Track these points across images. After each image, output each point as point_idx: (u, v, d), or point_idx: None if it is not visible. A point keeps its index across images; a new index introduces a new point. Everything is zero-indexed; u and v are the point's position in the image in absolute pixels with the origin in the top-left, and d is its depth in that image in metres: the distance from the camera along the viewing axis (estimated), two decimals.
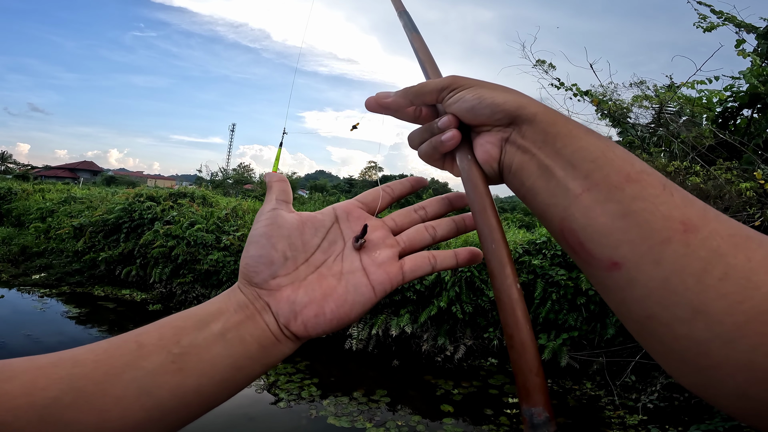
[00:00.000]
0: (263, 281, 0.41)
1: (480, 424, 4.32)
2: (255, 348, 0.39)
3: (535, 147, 0.39)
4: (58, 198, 12.43)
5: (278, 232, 0.42)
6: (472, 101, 0.42)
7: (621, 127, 6.85)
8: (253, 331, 0.39)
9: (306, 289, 0.41)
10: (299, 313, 0.40)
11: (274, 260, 0.41)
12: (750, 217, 3.68)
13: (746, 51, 4.78)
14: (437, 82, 0.45)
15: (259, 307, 0.40)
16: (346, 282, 0.42)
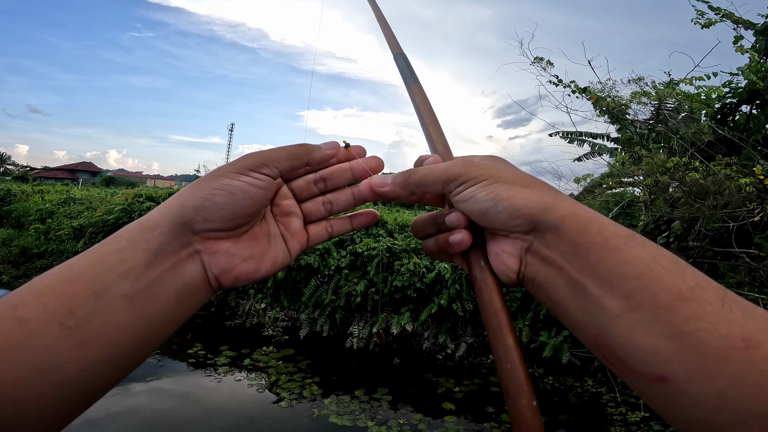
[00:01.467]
0: (207, 230, 0.38)
1: (482, 422, 4.33)
2: (172, 303, 0.36)
3: (563, 260, 0.34)
4: (58, 199, 12.43)
5: (262, 197, 0.41)
6: (485, 202, 0.37)
7: (620, 123, 6.85)
8: (172, 285, 0.36)
9: (245, 244, 0.41)
10: (237, 265, 0.40)
11: (234, 218, 0.39)
12: (750, 212, 3.68)
13: (744, 47, 4.78)
14: (443, 172, 0.40)
15: (184, 255, 0.37)
16: (275, 243, 0.44)
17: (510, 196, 0.36)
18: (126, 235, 0.36)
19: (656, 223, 5.56)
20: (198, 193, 0.38)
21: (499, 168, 0.39)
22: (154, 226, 0.36)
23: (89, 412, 1.59)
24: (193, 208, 0.37)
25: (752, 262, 3.80)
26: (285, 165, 0.43)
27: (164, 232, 0.36)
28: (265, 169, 0.41)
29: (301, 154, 0.44)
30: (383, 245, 6.44)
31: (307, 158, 0.45)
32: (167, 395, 4.55)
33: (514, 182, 0.37)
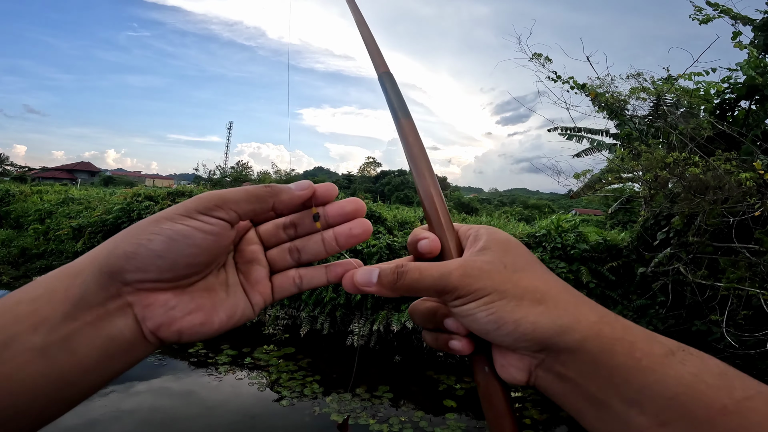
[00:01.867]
0: (141, 281, 0.33)
1: (483, 419, 4.32)
2: (95, 358, 0.32)
3: (581, 378, 0.31)
4: (56, 199, 12.42)
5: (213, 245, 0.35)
6: (486, 324, 0.33)
7: (619, 119, 6.85)
8: (95, 339, 0.31)
9: (192, 296, 0.36)
10: (179, 319, 0.35)
11: (175, 268, 0.34)
12: (750, 207, 3.68)
13: (743, 43, 4.78)
14: (436, 280, 0.36)
15: (112, 308, 0.32)
16: (234, 295, 0.39)
17: (516, 319, 0.32)
18: (45, 282, 0.32)
19: (656, 219, 5.56)
20: (132, 238, 0.33)
21: (506, 278, 0.34)
22: (76, 273, 0.32)
23: (92, 412, 1.59)
24: (124, 256, 0.32)
25: (753, 257, 3.80)
26: (245, 208, 0.37)
27: (88, 280, 0.32)
28: (218, 212, 0.35)
29: (265, 196, 0.38)
30: (383, 242, 6.44)
31: (272, 200, 0.39)
32: (169, 394, 4.55)
33: (524, 298, 0.33)
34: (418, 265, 0.38)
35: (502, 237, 0.38)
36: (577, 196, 9.88)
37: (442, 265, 0.36)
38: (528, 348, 0.33)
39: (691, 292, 4.51)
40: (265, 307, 0.42)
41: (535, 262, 0.37)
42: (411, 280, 0.37)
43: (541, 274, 0.35)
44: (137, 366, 1.56)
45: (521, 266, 0.35)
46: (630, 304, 5.40)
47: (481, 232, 0.39)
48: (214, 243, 0.35)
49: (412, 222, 7.84)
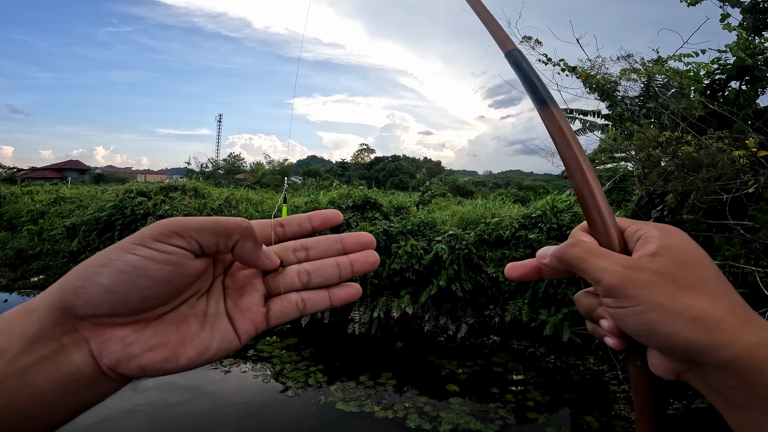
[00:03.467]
0: (93, 316, 0.32)
1: (486, 402, 4.42)
2: (55, 393, 0.31)
3: (729, 390, 0.31)
4: (48, 199, 12.30)
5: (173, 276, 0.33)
6: (638, 331, 0.33)
7: (610, 100, 6.84)
8: (51, 374, 0.31)
9: (156, 330, 0.34)
10: (138, 356, 0.33)
11: (128, 303, 0.32)
12: (743, 184, 3.73)
13: (732, 25, 4.78)
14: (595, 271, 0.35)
15: (67, 342, 0.31)
16: (211, 327, 0.36)
17: (669, 333, 0.31)
18: (6, 317, 0.32)
19: (650, 197, 5.60)
20: (81, 271, 0.32)
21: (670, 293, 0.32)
22: (34, 310, 0.32)
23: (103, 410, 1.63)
24: (73, 290, 0.31)
25: (747, 234, 3.85)
26: (208, 239, 0.34)
27: (43, 316, 0.31)
28: (176, 240, 0.33)
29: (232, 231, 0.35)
30: (379, 228, 6.46)
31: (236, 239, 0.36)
32: (177, 389, 4.60)
33: (682, 314, 0.31)
34: (589, 247, 0.37)
35: (680, 245, 0.35)
36: None
37: (609, 258, 0.35)
38: (677, 357, 0.32)
39: None
40: (256, 334, 0.39)
41: (710, 279, 0.33)
42: (574, 256, 0.37)
43: (712, 294, 0.32)
44: None
45: (693, 283, 0.32)
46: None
47: (652, 233, 0.36)
48: (172, 274, 0.33)
49: (407, 207, 7.85)
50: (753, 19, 4.85)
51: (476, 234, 6.25)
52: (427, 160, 65.88)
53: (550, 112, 0.43)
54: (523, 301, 5.88)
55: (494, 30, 0.52)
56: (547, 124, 0.44)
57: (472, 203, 9.34)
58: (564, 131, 0.42)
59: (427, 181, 18.46)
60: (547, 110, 0.44)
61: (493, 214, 6.90)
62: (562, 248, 0.38)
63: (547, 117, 0.43)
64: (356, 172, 51.81)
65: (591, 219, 0.40)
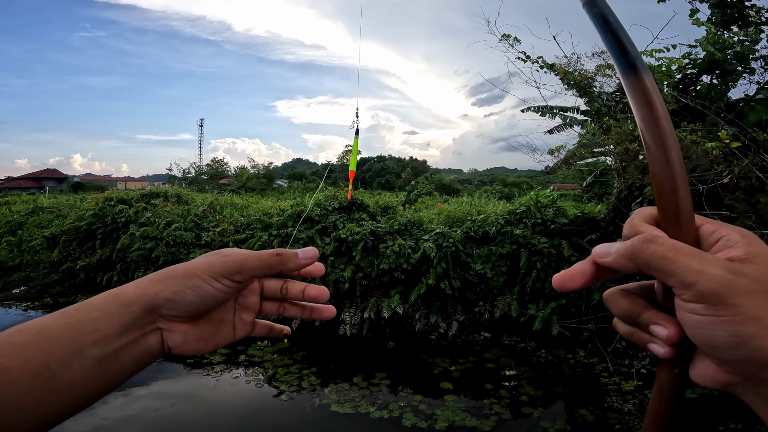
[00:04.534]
0: (171, 316, 0.45)
1: (481, 399, 4.47)
2: (131, 366, 0.43)
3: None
4: (25, 209, 12.00)
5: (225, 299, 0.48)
6: (724, 338, 0.29)
7: (588, 96, 7.00)
8: (134, 352, 0.43)
9: (200, 327, 0.48)
10: (188, 343, 0.47)
11: (197, 312, 0.46)
12: (718, 175, 3.86)
13: (701, 20, 4.94)
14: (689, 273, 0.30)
15: (148, 330, 0.44)
16: (223, 329, 0.51)
17: (758, 347, 0.28)
18: (102, 306, 0.42)
19: (629, 189, 5.75)
20: (172, 287, 0.44)
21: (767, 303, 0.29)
22: (129, 304, 0.43)
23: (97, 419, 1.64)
24: (165, 300, 0.44)
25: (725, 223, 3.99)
26: (258, 273, 0.48)
27: (136, 310, 0.43)
28: (237, 276, 0.47)
29: (275, 264, 0.49)
30: (366, 229, 6.48)
31: (280, 268, 0.50)
32: (171, 397, 4.55)
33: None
34: (676, 245, 0.32)
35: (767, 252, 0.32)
36: (553, 171, 10.08)
37: (704, 259, 0.31)
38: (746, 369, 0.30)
39: None
40: (244, 337, 0.54)
41: None
42: (657, 254, 0.32)
43: None
44: None
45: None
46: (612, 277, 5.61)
47: (734, 237, 0.33)
48: (227, 298, 0.48)
49: (394, 207, 7.89)
50: (721, 14, 5.02)
51: (463, 231, 6.32)
52: (413, 160, 66.00)
53: (640, 78, 0.36)
54: (511, 297, 5.97)
55: None
56: (631, 93, 0.37)
57: (458, 201, 9.43)
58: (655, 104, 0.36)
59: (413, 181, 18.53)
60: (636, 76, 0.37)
61: (478, 211, 6.98)
62: (635, 244, 0.33)
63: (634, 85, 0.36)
64: (342, 174, 51.63)
65: (672, 212, 0.34)
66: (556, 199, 6.61)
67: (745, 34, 4.59)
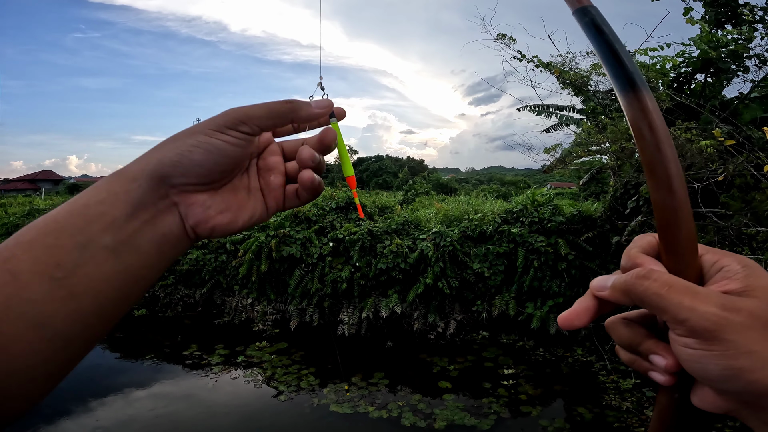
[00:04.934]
0: (184, 184, 0.39)
1: (480, 398, 4.49)
2: (154, 254, 0.37)
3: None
4: (21, 211, 11.92)
5: (240, 155, 0.41)
6: (717, 372, 0.29)
7: (583, 95, 7.03)
8: (152, 236, 0.37)
9: (223, 197, 0.42)
10: (212, 217, 0.41)
11: (211, 174, 0.40)
12: (713, 173, 3.89)
13: (694, 18, 4.96)
14: (681, 310, 0.30)
15: (162, 207, 0.38)
16: (254, 198, 0.45)
17: (755, 380, 0.28)
18: (106, 186, 0.36)
19: (625, 188, 5.78)
20: (175, 149, 0.38)
21: (763, 337, 0.29)
22: (133, 179, 0.37)
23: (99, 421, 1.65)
24: (170, 164, 0.38)
25: (720, 221, 4.01)
26: (266, 123, 0.42)
27: (143, 185, 0.37)
28: (243, 127, 0.40)
29: (285, 112, 0.43)
30: (364, 229, 6.48)
31: (291, 116, 0.43)
32: (170, 398, 4.56)
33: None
34: (669, 281, 0.31)
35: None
36: (550, 170, 10.11)
37: (697, 296, 0.30)
38: (743, 398, 0.30)
39: None
40: (277, 211, 0.47)
41: None
42: (649, 291, 0.32)
43: None
44: (133, 371, 1.65)
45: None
46: (608, 274, 5.63)
47: (734, 267, 0.32)
48: (240, 153, 0.41)
49: (391, 206, 7.90)
50: (715, 12, 5.05)
51: (460, 231, 6.33)
52: (410, 159, 66.09)
53: (640, 97, 0.34)
54: (509, 296, 5.99)
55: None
56: (630, 114, 0.34)
57: (455, 200, 9.44)
58: (655, 126, 0.33)
59: (410, 180, 18.54)
60: (635, 95, 0.34)
61: (476, 210, 7.00)
62: (629, 280, 0.33)
63: (633, 105, 0.34)
64: (339, 174, 51.65)
65: (676, 244, 0.33)
66: (553, 198, 6.63)
67: (739, 32, 4.61)
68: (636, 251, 0.36)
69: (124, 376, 4.97)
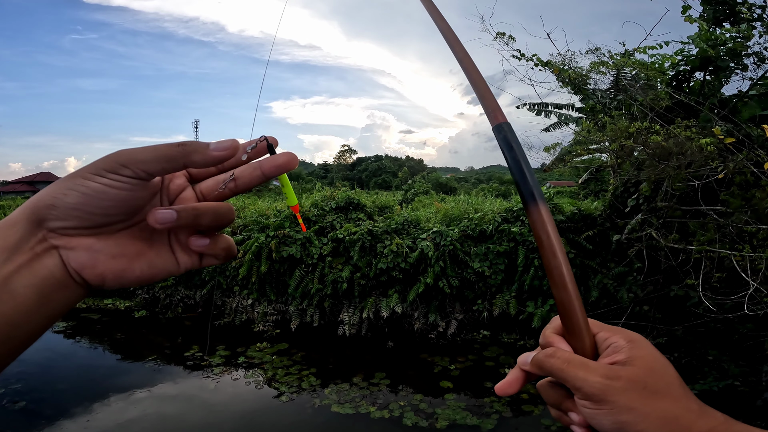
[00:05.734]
0: (62, 228, 0.37)
1: (481, 397, 4.49)
2: (33, 299, 0.35)
3: None
4: None
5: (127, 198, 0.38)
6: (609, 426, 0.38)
7: (582, 93, 7.02)
8: (29, 280, 0.35)
9: (117, 242, 0.39)
10: (102, 263, 0.38)
11: (92, 218, 0.37)
12: (713, 170, 3.88)
13: (693, 16, 4.96)
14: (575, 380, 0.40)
15: (40, 250, 0.36)
16: (158, 248, 0.41)
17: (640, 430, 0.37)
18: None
19: (625, 186, 5.78)
20: (51, 192, 0.37)
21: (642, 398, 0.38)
22: (12, 224, 0.36)
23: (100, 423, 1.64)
24: (45, 207, 0.36)
25: (720, 218, 4.01)
26: (154, 167, 0.38)
27: (20, 229, 0.36)
28: (125, 171, 0.37)
29: (175, 155, 0.38)
30: (364, 228, 6.48)
31: (183, 161, 0.39)
32: (170, 400, 4.56)
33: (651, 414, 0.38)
34: (567, 357, 0.42)
35: (648, 356, 0.41)
36: (549, 169, 10.10)
37: (588, 369, 0.40)
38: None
39: (665, 256, 4.73)
40: (194, 268, 0.44)
41: (674, 384, 0.40)
42: (554, 367, 0.42)
43: (675, 397, 0.39)
44: (135, 373, 1.64)
45: (661, 389, 0.39)
46: (609, 272, 5.63)
47: (620, 343, 0.42)
48: (128, 196, 0.37)
49: (391, 206, 7.90)
50: (713, 10, 5.04)
51: (460, 230, 6.33)
52: (410, 159, 66.12)
53: (538, 210, 0.42)
54: (510, 295, 5.99)
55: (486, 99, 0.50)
56: (531, 221, 0.42)
57: (455, 200, 9.44)
58: (551, 236, 0.42)
59: (409, 180, 18.54)
60: (535, 207, 0.42)
61: (475, 209, 7.00)
62: (540, 358, 0.44)
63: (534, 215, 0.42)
64: (339, 174, 51.68)
65: (571, 328, 0.43)
66: (553, 197, 6.64)
67: (738, 30, 4.61)
68: (550, 332, 0.46)
69: (124, 377, 4.98)
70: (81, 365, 5.44)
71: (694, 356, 4.83)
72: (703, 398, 0.39)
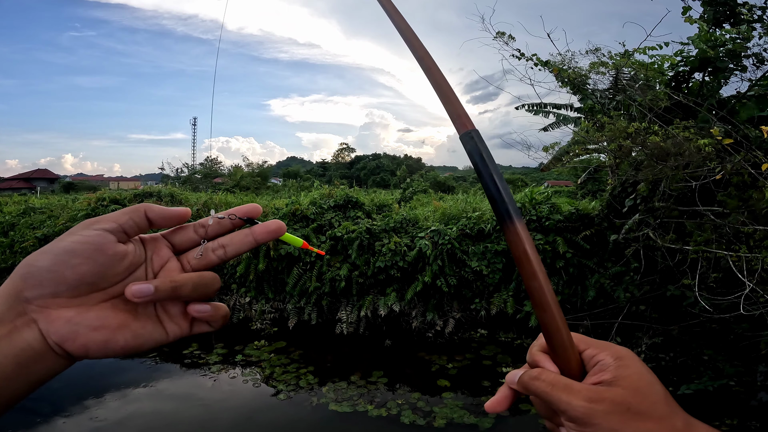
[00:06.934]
0: (39, 297, 0.37)
1: (478, 396, 4.50)
2: (11, 368, 0.36)
3: None
4: (17, 210, 11.86)
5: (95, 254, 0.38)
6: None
7: (581, 93, 7.03)
8: (9, 351, 0.36)
9: (98, 314, 0.39)
10: (83, 335, 0.38)
11: (67, 281, 0.38)
12: (711, 171, 3.90)
13: (693, 17, 4.97)
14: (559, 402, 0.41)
15: (19, 323, 0.37)
16: (143, 321, 0.41)
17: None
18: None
19: (623, 186, 5.79)
20: (26, 260, 0.38)
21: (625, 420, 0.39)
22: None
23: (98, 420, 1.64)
24: (20, 277, 0.37)
25: (717, 219, 4.03)
26: (123, 218, 0.40)
27: (2, 304, 0.37)
28: (95, 226, 0.39)
29: (137, 207, 0.42)
30: (362, 227, 6.48)
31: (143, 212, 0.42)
32: (168, 397, 4.55)
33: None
34: (552, 380, 0.42)
35: (633, 375, 0.41)
36: (547, 168, 10.12)
37: (572, 392, 0.40)
38: None
39: (661, 256, 4.75)
40: (184, 336, 0.44)
41: (659, 403, 0.40)
42: (539, 390, 0.42)
43: (659, 417, 0.39)
44: (132, 371, 1.64)
45: (645, 410, 0.39)
46: (606, 272, 5.65)
47: (607, 361, 0.42)
48: (96, 251, 0.38)
49: (389, 204, 7.90)
50: (713, 11, 5.06)
51: (458, 229, 6.34)
52: (408, 157, 66.05)
53: (515, 229, 0.41)
54: (507, 294, 6.00)
55: (452, 103, 0.47)
56: (508, 239, 0.41)
57: (453, 198, 9.45)
58: (530, 257, 0.41)
59: (408, 178, 18.53)
60: (512, 226, 0.41)
61: (474, 208, 7.01)
62: (526, 380, 0.44)
63: (511, 235, 0.41)
64: (337, 172, 51.61)
65: (555, 348, 0.43)
66: (551, 196, 6.65)
67: (737, 31, 4.63)
68: (536, 350, 0.47)
69: (122, 375, 4.96)
70: (78, 363, 5.40)
71: (690, 356, 4.85)
72: (698, 398, 0.39)
